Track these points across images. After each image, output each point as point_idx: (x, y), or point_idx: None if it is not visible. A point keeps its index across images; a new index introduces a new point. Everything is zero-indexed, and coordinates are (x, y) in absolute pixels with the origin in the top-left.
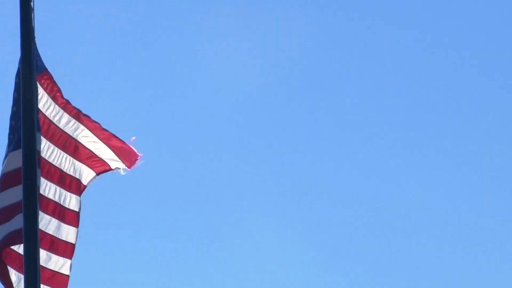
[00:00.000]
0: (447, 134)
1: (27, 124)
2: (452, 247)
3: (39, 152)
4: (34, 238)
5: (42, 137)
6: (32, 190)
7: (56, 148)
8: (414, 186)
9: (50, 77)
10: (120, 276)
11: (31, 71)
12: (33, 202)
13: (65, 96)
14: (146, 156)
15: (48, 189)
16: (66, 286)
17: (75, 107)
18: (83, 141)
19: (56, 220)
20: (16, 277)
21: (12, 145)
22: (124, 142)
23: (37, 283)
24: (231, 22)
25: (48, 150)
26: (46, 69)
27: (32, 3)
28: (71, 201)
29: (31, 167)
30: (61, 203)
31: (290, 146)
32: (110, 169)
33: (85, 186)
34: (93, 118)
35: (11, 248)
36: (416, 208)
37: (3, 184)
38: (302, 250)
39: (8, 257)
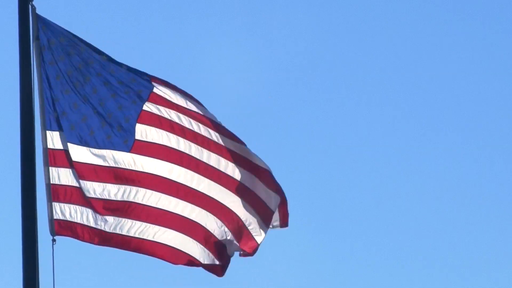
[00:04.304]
0: (448, 136)
1: (27, 124)
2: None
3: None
4: (33, 237)
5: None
6: (31, 189)
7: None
8: (416, 188)
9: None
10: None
11: (30, 70)
12: (33, 202)
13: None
14: None
15: None
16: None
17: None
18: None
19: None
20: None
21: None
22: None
23: (36, 283)
24: (233, 22)
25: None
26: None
27: (30, 3)
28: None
29: (30, 167)
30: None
31: (291, 146)
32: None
33: None
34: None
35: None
36: (418, 209)
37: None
38: (302, 250)
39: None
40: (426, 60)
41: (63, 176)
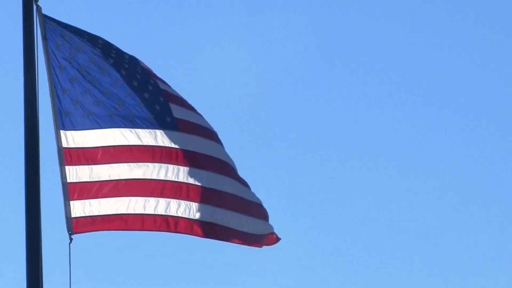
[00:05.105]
0: (448, 136)
1: (29, 125)
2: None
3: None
4: (37, 237)
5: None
6: (34, 189)
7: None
8: (416, 188)
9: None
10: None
11: (32, 70)
12: (36, 202)
13: None
14: None
15: None
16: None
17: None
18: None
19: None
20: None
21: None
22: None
23: (40, 283)
24: (233, 22)
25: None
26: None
27: (34, 4)
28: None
29: (33, 167)
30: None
31: (291, 146)
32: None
33: None
34: None
35: None
36: (418, 209)
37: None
38: (303, 249)
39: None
40: (426, 60)
41: (82, 173)
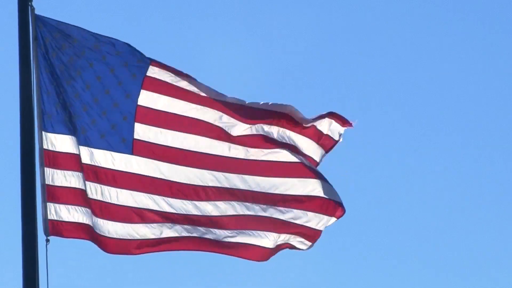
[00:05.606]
0: (448, 136)
1: (26, 124)
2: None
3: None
4: (33, 238)
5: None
6: (31, 189)
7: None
8: (416, 188)
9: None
10: None
11: (29, 70)
12: (32, 202)
13: None
14: None
15: None
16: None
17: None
18: None
19: None
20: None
21: None
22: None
23: (36, 283)
24: (233, 22)
25: None
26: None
27: (30, 4)
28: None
29: (30, 167)
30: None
31: None
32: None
33: None
34: None
35: None
36: (418, 209)
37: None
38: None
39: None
40: (426, 60)
41: (58, 177)
